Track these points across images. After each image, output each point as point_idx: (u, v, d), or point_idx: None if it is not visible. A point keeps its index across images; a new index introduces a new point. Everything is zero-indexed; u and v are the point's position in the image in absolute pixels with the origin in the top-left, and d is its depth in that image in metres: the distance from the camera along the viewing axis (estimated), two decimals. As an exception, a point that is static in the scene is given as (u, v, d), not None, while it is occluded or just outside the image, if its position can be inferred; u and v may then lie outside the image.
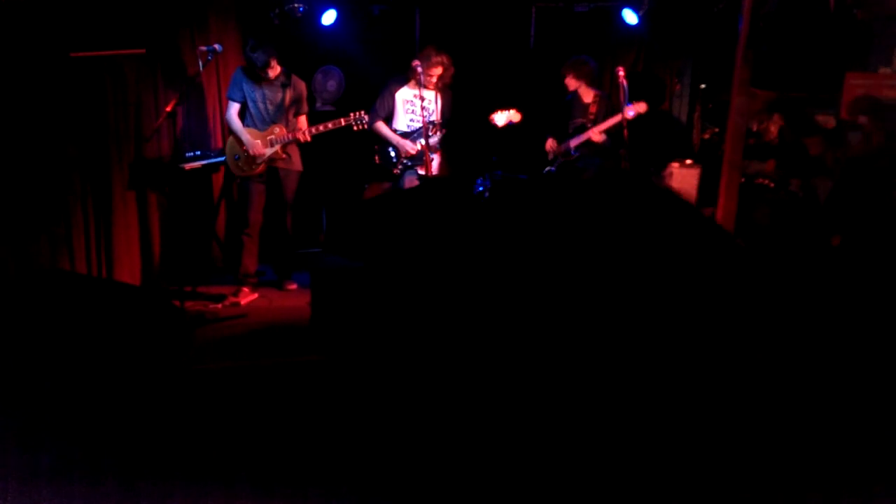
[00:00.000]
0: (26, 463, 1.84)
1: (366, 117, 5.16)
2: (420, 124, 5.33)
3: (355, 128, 5.16)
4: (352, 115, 5.14)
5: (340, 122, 5.12)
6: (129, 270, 5.20)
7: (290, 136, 5.07)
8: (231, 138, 5.15)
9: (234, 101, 5.09)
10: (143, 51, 4.95)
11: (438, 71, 5.32)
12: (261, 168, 5.09)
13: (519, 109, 5.57)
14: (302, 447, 2.18)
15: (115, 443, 1.94)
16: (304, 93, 5.29)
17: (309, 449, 2.17)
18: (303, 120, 5.27)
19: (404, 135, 5.51)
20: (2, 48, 4.22)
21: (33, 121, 4.43)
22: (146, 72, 5.21)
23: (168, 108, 4.68)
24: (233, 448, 2.09)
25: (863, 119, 5.33)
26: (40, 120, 4.47)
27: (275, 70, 5.02)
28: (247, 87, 5.06)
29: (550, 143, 6.07)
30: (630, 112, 5.44)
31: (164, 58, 5.35)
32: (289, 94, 5.10)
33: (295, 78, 5.19)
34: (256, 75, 5.02)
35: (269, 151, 5.06)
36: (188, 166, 5.19)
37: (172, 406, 2.30)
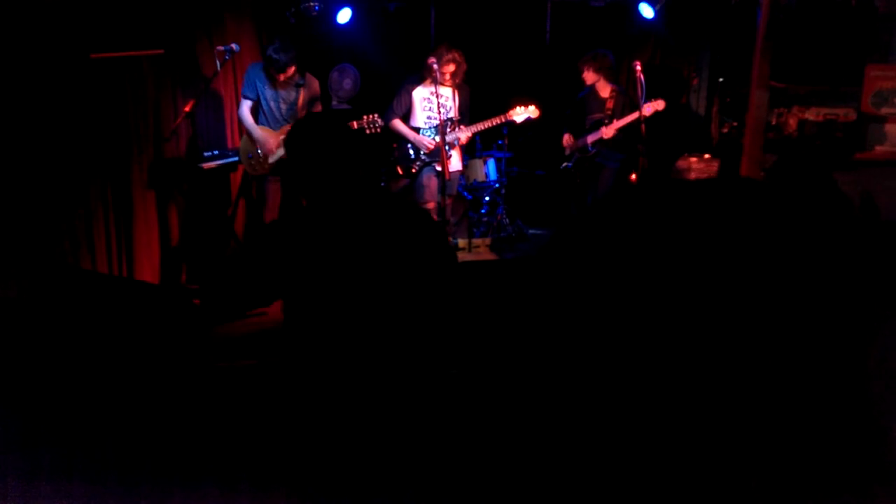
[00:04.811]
0: (26, 463, 1.85)
1: (379, 121, 5.15)
2: (437, 121, 5.34)
3: (368, 131, 5.15)
4: (365, 118, 5.13)
5: (353, 125, 5.12)
6: (149, 269, 5.25)
7: None
8: (245, 137, 5.18)
9: (247, 98, 5.10)
10: (161, 51, 4.98)
11: (451, 68, 5.32)
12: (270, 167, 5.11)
13: (538, 105, 5.56)
14: (310, 446, 2.19)
15: (121, 442, 1.95)
16: (318, 91, 5.30)
17: (314, 448, 2.18)
18: None
19: (420, 131, 5.52)
20: (24, 50, 4.26)
21: (54, 121, 4.47)
22: (164, 72, 5.25)
23: (187, 109, 4.71)
24: (237, 447, 2.10)
25: None
26: (61, 120, 4.52)
27: (289, 72, 5.02)
28: (260, 86, 5.06)
29: (567, 139, 6.06)
30: (648, 109, 5.41)
31: (181, 58, 5.38)
32: (303, 94, 5.11)
33: (309, 77, 5.20)
34: (272, 74, 5.03)
35: (280, 153, 5.07)
36: (206, 166, 5.22)
37: (188, 404, 2.31)
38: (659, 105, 5.43)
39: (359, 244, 2.31)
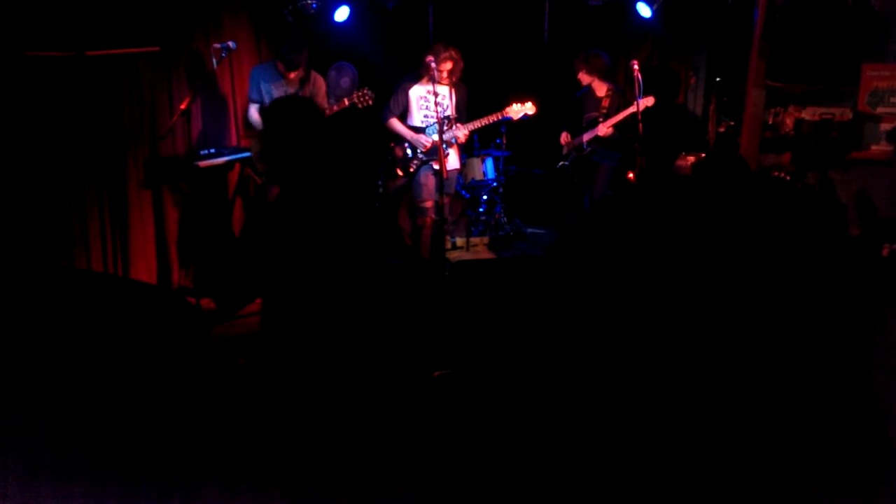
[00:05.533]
0: (26, 463, 1.84)
1: (369, 93, 5.16)
2: (435, 120, 5.33)
3: (360, 105, 5.17)
4: (355, 94, 5.16)
5: (344, 103, 5.15)
6: (145, 268, 5.23)
7: None
8: (254, 139, 5.22)
9: (254, 102, 5.19)
10: (157, 49, 4.96)
11: (448, 66, 5.31)
12: None
13: (535, 102, 5.55)
14: (308, 446, 2.18)
15: (120, 442, 1.95)
16: (324, 89, 5.34)
17: (313, 448, 2.17)
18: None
19: (417, 130, 5.52)
20: (19, 47, 4.24)
21: (49, 119, 4.45)
22: (160, 70, 5.22)
23: (182, 106, 4.70)
24: (236, 447, 2.09)
25: None
26: (56, 118, 4.50)
27: (297, 71, 5.09)
28: (265, 86, 5.11)
29: (565, 137, 6.06)
30: (639, 106, 5.41)
31: (178, 56, 5.37)
32: (307, 91, 5.16)
33: (314, 74, 5.24)
34: (275, 73, 5.07)
35: None
36: (203, 164, 5.21)
37: (184, 404, 2.31)
38: (648, 101, 5.42)
39: (314, 239, 2.34)
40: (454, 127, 5.42)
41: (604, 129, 5.69)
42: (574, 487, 1.96)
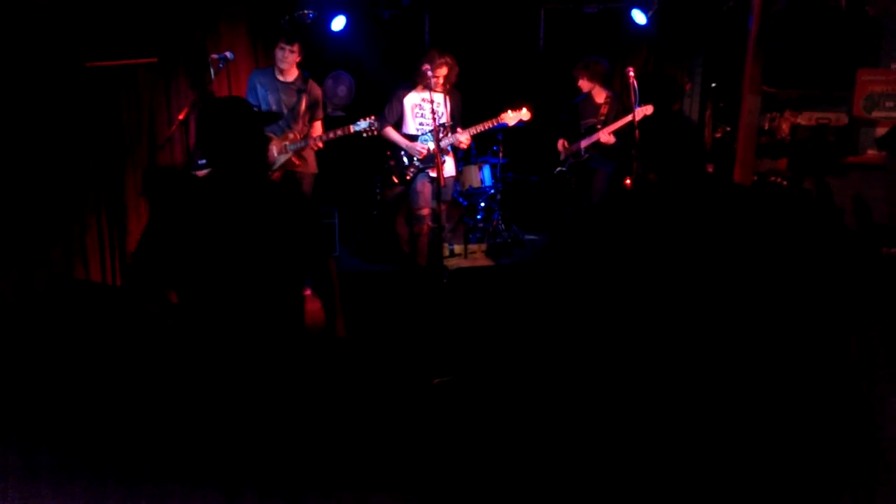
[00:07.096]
0: (26, 463, 1.84)
1: (375, 124, 5.17)
2: (430, 127, 5.34)
3: (365, 134, 5.18)
4: (361, 121, 5.16)
5: (349, 130, 5.15)
6: (143, 277, 5.22)
7: (302, 142, 5.14)
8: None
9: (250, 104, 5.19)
10: (155, 59, 4.98)
11: (444, 71, 5.32)
12: (277, 174, 5.16)
13: (530, 108, 5.57)
14: (308, 450, 2.18)
15: (119, 442, 1.95)
16: (321, 98, 5.35)
17: (313, 452, 2.18)
18: (318, 126, 5.33)
19: (412, 138, 5.53)
20: (20, 58, 4.25)
21: (49, 129, 4.46)
22: (159, 80, 5.24)
23: (180, 117, 4.71)
24: (236, 450, 2.09)
25: None
26: (56, 128, 4.50)
27: (292, 73, 5.10)
28: (261, 91, 5.12)
29: (562, 144, 6.08)
30: (638, 114, 5.43)
31: (176, 66, 5.39)
32: (304, 99, 5.15)
33: (311, 83, 5.25)
34: (272, 80, 5.08)
35: (281, 159, 5.11)
36: (200, 174, 5.22)
37: (183, 407, 2.31)
38: (647, 110, 5.44)
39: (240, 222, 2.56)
40: (457, 132, 5.43)
41: (605, 136, 5.70)
42: (573, 491, 1.96)
